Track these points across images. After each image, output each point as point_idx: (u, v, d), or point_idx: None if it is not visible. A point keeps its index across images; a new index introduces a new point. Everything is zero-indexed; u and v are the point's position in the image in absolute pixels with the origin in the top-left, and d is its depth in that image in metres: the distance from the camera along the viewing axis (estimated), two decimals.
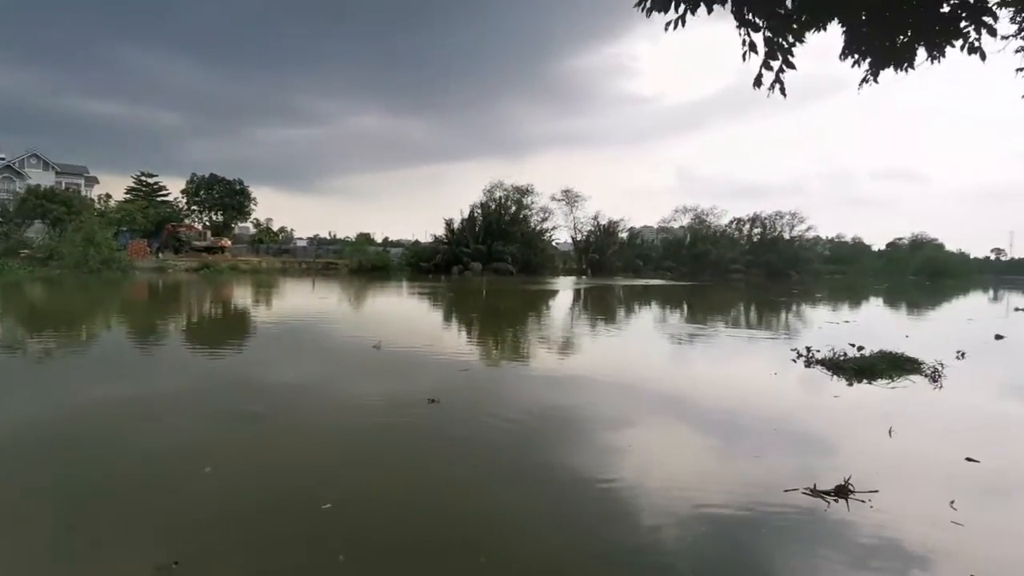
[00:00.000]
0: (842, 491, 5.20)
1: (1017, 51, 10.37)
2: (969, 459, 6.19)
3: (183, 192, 73.24)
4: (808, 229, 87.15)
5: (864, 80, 6.00)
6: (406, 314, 22.95)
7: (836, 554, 4.33)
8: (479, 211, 67.12)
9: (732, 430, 7.43)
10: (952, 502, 5.01)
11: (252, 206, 77.59)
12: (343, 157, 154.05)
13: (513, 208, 68.29)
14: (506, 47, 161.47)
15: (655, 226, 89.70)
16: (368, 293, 32.18)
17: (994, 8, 5.49)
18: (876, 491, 5.21)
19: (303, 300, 26.94)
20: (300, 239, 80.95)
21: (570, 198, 76.08)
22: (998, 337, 17.78)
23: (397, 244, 79.26)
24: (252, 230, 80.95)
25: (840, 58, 5.76)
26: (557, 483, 5.50)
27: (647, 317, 24.46)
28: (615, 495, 5.23)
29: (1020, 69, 10.70)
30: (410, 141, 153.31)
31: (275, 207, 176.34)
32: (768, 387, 10.02)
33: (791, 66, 5.28)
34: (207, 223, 71.84)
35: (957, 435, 7.24)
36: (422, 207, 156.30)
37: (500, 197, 68.27)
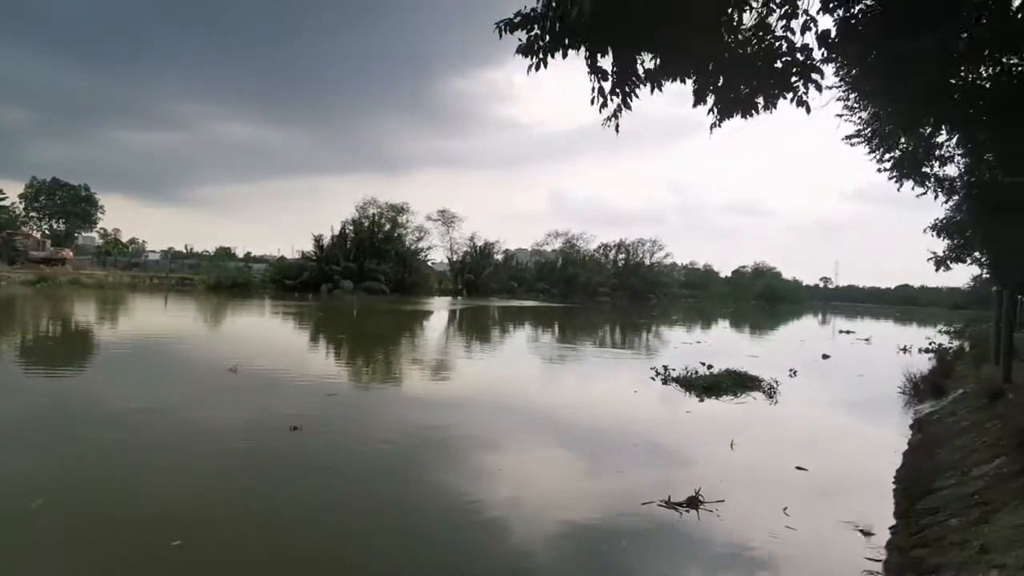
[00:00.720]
0: (693, 502, 5.53)
1: (838, 99, 11.79)
2: (799, 467, 6.85)
3: (21, 197, 65.50)
4: (666, 256, 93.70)
5: (715, 125, 6.62)
6: (267, 335, 21.81)
7: (690, 561, 4.63)
8: (351, 228, 65.47)
9: (597, 447, 7.74)
10: (785, 508, 5.51)
11: (99, 215, 70.84)
12: (208, 165, 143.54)
13: (387, 226, 67.33)
14: (387, 63, 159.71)
15: (529, 249, 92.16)
16: (226, 312, 30.23)
17: (819, 64, 6.28)
18: (723, 500, 5.60)
19: (153, 318, 24.79)
20: (153, 252, 74.63)
21: (446, 218, 76.37)
22: (825, 356, 19.94)
23: (261, 260, 75.26)
24: (98, 241, 73.68)
25: (693, 106, 6.31)
26: (427, 510, 5.44)
27: (521, 338, 24.96)
28: (486, 517, 5.25)
29: (840, 115, 12.15)
30: (282, 151, 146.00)
31: (127, 217, 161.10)
32: (630, 404, 10.55)
33: (628, 107, 5.71)
34: (47, 232, 64.59)
35: (789, 446, 7.99)
36: (292, 222, 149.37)
37: (374, 214, 67.08)
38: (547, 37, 5.07)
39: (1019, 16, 8.95)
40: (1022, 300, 11.50)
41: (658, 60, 5.73)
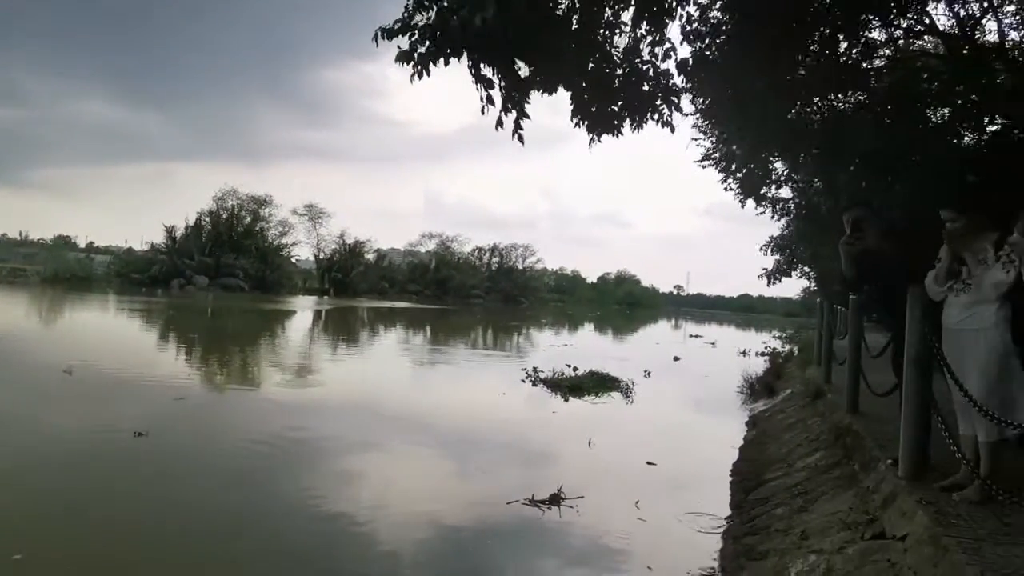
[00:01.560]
0: (555, 499, 5.77)
1: (693, 126, 12.78)
2: (649, 463, 7.37)
3: None
4: (538, 261, 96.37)
5: (592, 140, 7.00)
6: (109, 334, 19.90)
7: (551, 556, 4.86)
8: (208, 220, 61.13)
9: (465, 448, 7.86)
10: (637, 502, 5.91)
11: None
12: (54, 146, 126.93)
13: (248, 219, 63.55)
14: (254, 46, 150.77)
15: (402, 249, 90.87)
16: (63, 307, 27.17)
17: (680, 90, 6.83)
18: (582, 497, 5.90)
19: None
20: None
21: (313, 213, 73.24)
22: (676, 359, 21.50)
23: (106, 251, 68.26)
24: None
25: (570, 120, 6.62)
26: (284, 518, 5.26)
27: (391, 340, 24.60)
28: (351, 522, 5.18)
29: (695, 139, 13.14)
30: (136, 135, 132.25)
31: None
32: (499, 406, 10.78)
33: (526, 116, 5.92)
34: None
35: (642, 442, 8.56)
36: (142, 211, 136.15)
37: (233, 206, 63.05)
38: (428, 45, 5.09)
39: (845, 61, 10.23)
40: (841, 311, 13.08)
41: (532, 71, 5.96)
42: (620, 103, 6.44)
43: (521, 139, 5.69)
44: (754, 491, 5.70)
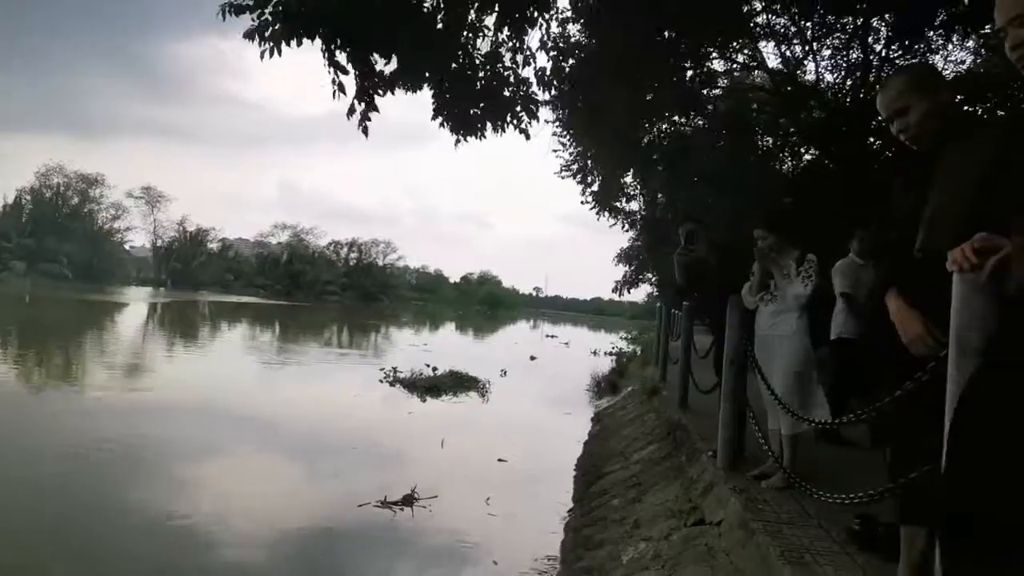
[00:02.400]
0: (408, 500, 5.75)
1: (553, 134, 13.25)
2: (500, 460, 7.56)
3: None
4: (399, 258, 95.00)
5: (457, 140, 7.05)
6: None
7: (403, 557, 4.84)
8: (28, 199, 54.06)
9: (315, 452, 7.59)
10: (488, 499, 6.05)
11: None
12: None
13: (76, 200, 56.99)
14: (91, 9, 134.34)
15: (251, 240, 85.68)
16: None
17: (539, 99, 7.08)
18: (436, 496, 5.93)
19: None
20: None
21: (152, 197, 67.06)
22: (532, 358, 22.18)
23: None
24: None
25: (432, 119, 6.62)
26: (114, 531, 4.80)
27: (236, 337, 23.12)
28: (188, 533, 4.83)
29: (555, 150, 13.62)
30: None
31: None
32: (352, 407, 10.52)
33: (374, 109, 5.84)
34: None
35: (496, 440, 8.76)
36: None
37: (59, 184, 56.28)
38: (277, 24, 4.89)
39: (690, 87, 11.12)
40: (676, 315, 14.19)
41: (397, 68, 5.91)
42: (482, 106, 6.57)
43: (366, 131, 5.62)
44: (595, 484, 6.04)
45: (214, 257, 72.68)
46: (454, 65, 6.14)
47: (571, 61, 8.53)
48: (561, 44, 9.09)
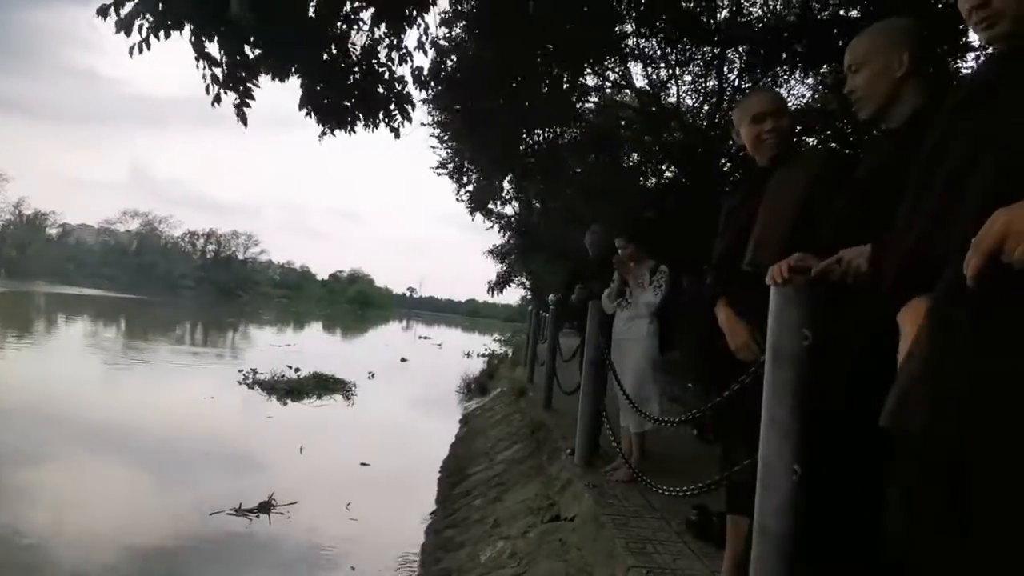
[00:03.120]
0: (265, 507, 5.49)
1: (431, 135, 13.20)
2: (363, 464, 7.42)
3: None
4: (262, 252, 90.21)
5: (323, 133, 6.81)
6: None
7: (257, 566, 4.61)
8: None
9: (164, 459, 7.04)
10: (348, 504, 5.90)
11: None
12: None
13: None
14: None
15: (96, 226, 77.73)
16: None
17: (412, 100, 7.02)
18: (296, 503, 5.71)
19: None
20: None
21: None
22: (403, 360, 21.90)
23: None
24: None
25: (298, 108, 6.37)
26: None
27: (76, 334, 20.90)
28: (16, 548, 4.32)
29: (432, 147, 13.56)
30: None
31: None
32: (206, 411, 9.86)
33: (251, 98, 5.56)
34: None
35: (360, 444, 8.59)
36: None
37: None
38: (150, 16, 4.52)
39: (567, 98, 11.51)
40: (546, 317, 14.64)
41: (262, 53, 5.63)
42: (354, 100, 6.42)
43: (244, 121, 5.33)
44: (459, 485, 6.09)
45: (53, 244, 65.12)
46: (326, 56, 5.96)
47: (450, 62, 8.55)
48: (442, 43, 9.09)
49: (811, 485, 1.64)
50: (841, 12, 10.17)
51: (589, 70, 12.05)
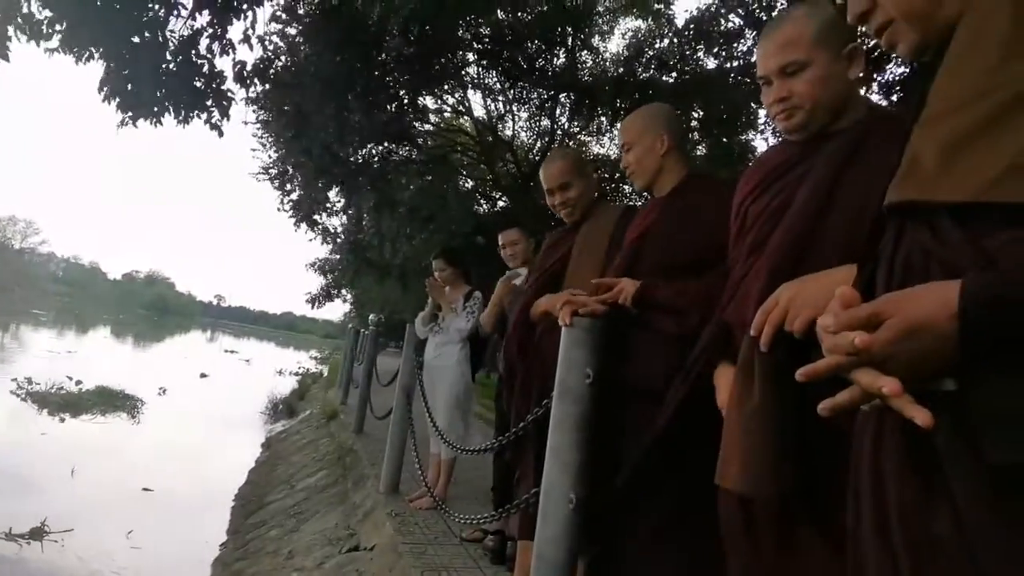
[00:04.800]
0: (37, 533, 4.90)
1: (254, 135, 12.42)
2: (146, 489, 6.69)
3: None
4: (43, 243, 78.73)
5: (123, 123, 6.10)
6: None
7: None
8: None
9: None
10: (130, 532, 5.26)
11: None
12: None
13: None
14: None
15: None
16: None
17: (231, 98, 6.57)
18: (71, 529, 5.04)
19: None
20: None
21: None
22: (203, 375, 20.04)
23: None
24: None
25: (97, 91, 5.68)
26: None
27: None
28: None
29: (254, 149, 12.78)
30: None
31: None
32: None
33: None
34: None
35: (144, 466, 7.71)
36: None
37: None
38: None
39: (404, 116, 11.45)
40: (365, 335, 14.31)
41: (64, 25, 4.97)
42: (165, 91, 5.86)
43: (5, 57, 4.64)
44: (254, 514, 5.68)
45: None
46: (136, 40, 5.39)
47: (280, 62, 8.16)
48: (274, 40, 8.66)
49: (585, 514, 1.74)
50: (658, 76, 11.33)
51: (428, 92, 12.17)
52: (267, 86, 7.69)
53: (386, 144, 11.99)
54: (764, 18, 9.51)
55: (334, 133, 9.72)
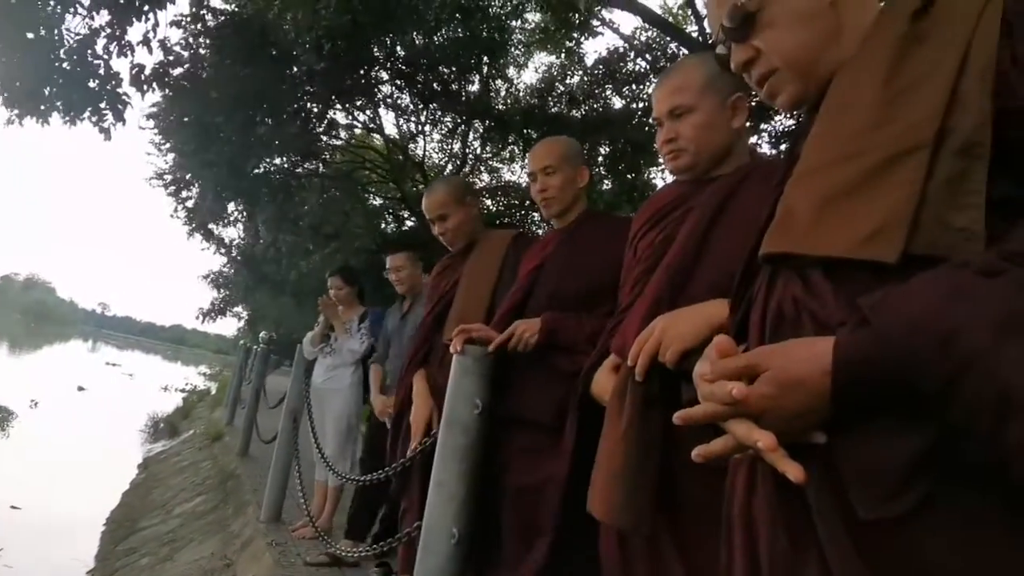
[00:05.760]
0: None
1: (150, 141, 11.75)
2: (14, 507, 6.11)
3: None
4: None
5: (10, 120, 5.66)
6: None
7: None
8: None
9: None
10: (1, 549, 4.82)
11: None
12: None
13: None
14: None
15: None
16: None
17: (125, 102, 6.21)
18: None
19: None
20: None
21: None
22: (80, 389, 18.48)
23: None
24: None
25: None
26: None
27: None
28: None
29: (149, 153, 12.06)
30: None
31: None
32: None
33: None
34: None
35: (11, 483, 7.03)
36: None
37: None
38: None
39: (311, 129, 11.16)
40: (257, 353, 13.70)
41: None
42: (55, 89, 5.48)
43: None
44: (124, 540, 5.28)
45: None
46: (31, 35, 5.04)
47: (181, 69, 7.77)
48: (176, 45, 8.26)
49: (467, 548, 1.73)
50: (568, 111, 11.69)
51: (339, 106, 11.93)
52: (167, 91, 7.29)
53: (291, 156, 11.61)
54: (666, 64, 10.09)
55: (238, 146, 9.36)
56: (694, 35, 9.50)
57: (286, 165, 11.72)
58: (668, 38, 9.96)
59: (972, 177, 0.67)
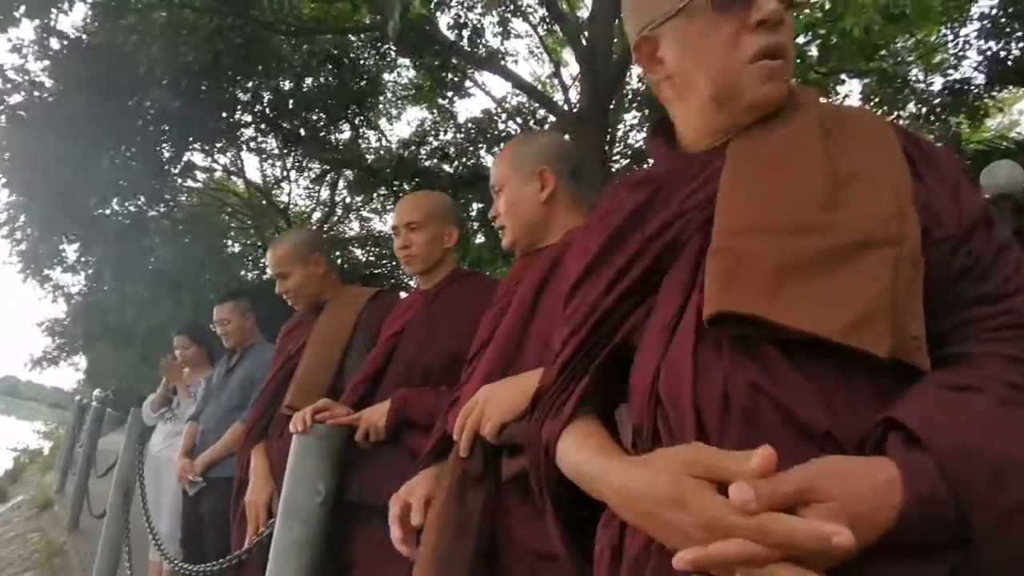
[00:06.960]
0: None
1: None
2: None
3: None
4: None
5: None
6: None
7: None
8: None
9: None
10: None
11: None
12: None
13: None
14: None
15: None
16: None
17: None
18: None
19: None
20: None
21: None
22: None
23: None
24: None
25: None
26: None
27: None
28: None
29: None
30: None
31: None
32: None
33: None
34: None
35: None
36: None
37: None
38: None
39: (166, 169, 10.45)
40: (92, 412, 12.28)
41: None
42: None
43: None
44: None
45: None
46: None
47: (19, 96, 7.10)
48: (9, 72, 7.57)
49: None
50: (439, 166, 11.83)
51: (198, 147, 11.32)
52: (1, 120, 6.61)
53: (138, 199, 10.73)
54: (536, 128, 10.59)
55: (74, 180, 8.58)
56: (560, 103, 10.11)
57: (132, 207, 10.84)
58: (536, 104, 10.48)
59: (919, 288, 0.65)
